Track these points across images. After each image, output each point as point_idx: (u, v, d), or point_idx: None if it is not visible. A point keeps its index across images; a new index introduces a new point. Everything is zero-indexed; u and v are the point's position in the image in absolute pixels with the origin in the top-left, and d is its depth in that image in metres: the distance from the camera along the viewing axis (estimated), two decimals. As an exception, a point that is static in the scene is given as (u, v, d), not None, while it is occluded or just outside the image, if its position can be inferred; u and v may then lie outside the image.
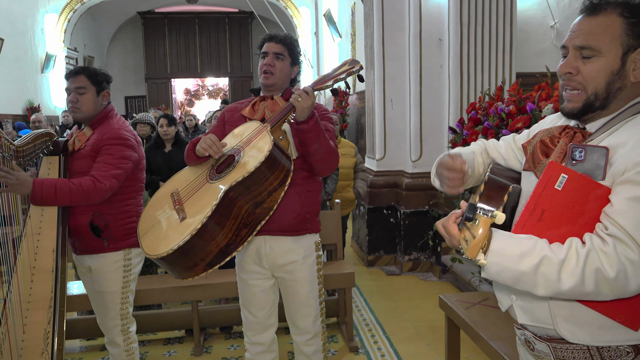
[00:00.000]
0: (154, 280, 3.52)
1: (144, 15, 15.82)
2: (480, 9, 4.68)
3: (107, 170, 2.31)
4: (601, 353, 1.18)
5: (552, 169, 1.14)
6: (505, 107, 3.44)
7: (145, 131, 5.36)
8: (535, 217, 1.14)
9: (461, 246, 1.13)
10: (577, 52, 1.20)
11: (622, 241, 1.06)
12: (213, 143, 2.02)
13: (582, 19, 1.21)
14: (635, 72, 1.17)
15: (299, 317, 2.33)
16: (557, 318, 1.21)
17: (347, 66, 2.15)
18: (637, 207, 1.06)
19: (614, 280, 1.05)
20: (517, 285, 1.13)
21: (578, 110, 1.22)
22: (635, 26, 1.15)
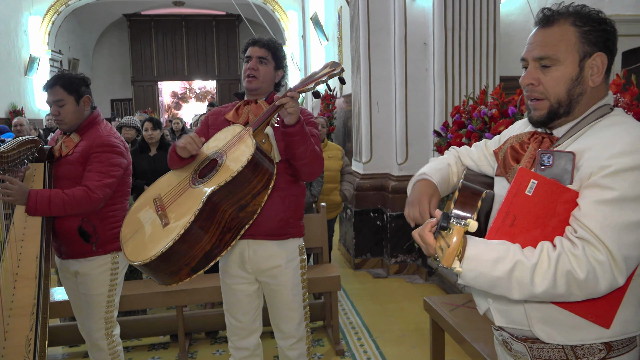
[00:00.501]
0: (139, 286, 3.50)
1: (130, 17, 15.73)
2: (464, 13, 4.72)
3: (99, 179, 2.33)
4: (575, 351, 1.22)
5: (522, 176, 1.17)
6: (488, 111, 3.48)
7: (131, 135, 5.33)
8: (508, 223, 1.17)
9: (437, 254, 1.15)
10: (536, 63, 1.24)
11: (590, 243, 1.09)
12: (192, 140, 2.02)
13: (537, 31, 1.26)
14: (593, 77, 1.22)
15: (283, 321, 2.33)
16: (532, 320, 1.24)
17: (329, 69, 2.16)
18: (603, 210, 1.09)
19: (584, 281, 1.09)
20: (493, 290, 1.16)
21: (544, 118, 1.26)
22: (588, 34, 1.20)
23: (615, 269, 1.08)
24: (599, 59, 1.21)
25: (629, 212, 1.09)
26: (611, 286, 1.10)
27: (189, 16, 16.11)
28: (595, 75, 1.21)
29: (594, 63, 1.21)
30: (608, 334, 1.20)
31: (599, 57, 1.21)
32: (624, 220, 1.09)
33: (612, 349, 1.21)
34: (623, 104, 2.33)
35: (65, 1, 11.80)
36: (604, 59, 1.21)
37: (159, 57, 16.25)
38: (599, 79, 1.22)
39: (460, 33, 4.73)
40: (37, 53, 11.75)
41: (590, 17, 1.21)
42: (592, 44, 1.20)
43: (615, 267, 1.08)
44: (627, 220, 1.09)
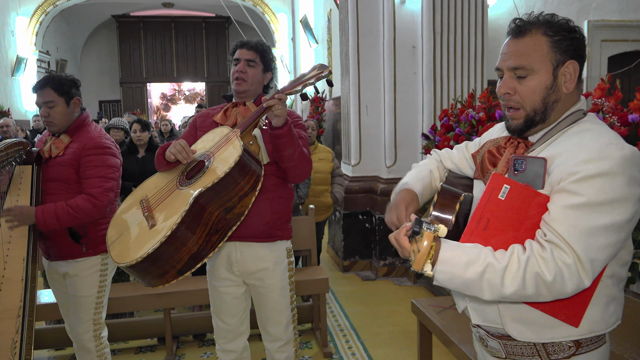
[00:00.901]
0: (126, 288, 3.48)
1: (118, 18, 15.65)
2: (453, 17, 4.76)
3: (100, 185, 2.34)
4: (546, 348, 1.27)
5: (496, 181, 1.21)
6: (476, 114, 3.50)
7: (119, 136, 5.29)
8: (482, 226, 1.22)
9: (411, 258, 1.19)
10: (511, 73, 1.27)
11: (558, 247, 1.14)
12: (182, 148, 2.02)
13: (510, 41, 1.29)
14: (567, 84, 1.26)
15: (270, 324, 2.33)
16: (506, 319, 1.29)
17: (316, 71, 2.16)
18: (572, 215, 1.13)
19: (551, 283, 1.13)
20: (466, 291, 1.20)
21: (522, 126, 1.30)
22: (559, 43, 1.24)
23: (581, 271, 1.12)
24: (571, 67, 1.25)
25: (595, 217, 1.12)
26: (578, 287, 1.14)
27: (179, 18, 16.06)
28: (569, 82, 1.26)
29: (567, 71, 1.25)
30: (577, 333, 1.24)
31: (571, 64, 1.25)
32: (590, 224, 1.12)
33: (581, 346, 1.26)
34: (608, 108, 2.36)
35: (53, 2, 11.72)
36: (575, 66, 1.25)
37: (147, 58, 16.18)
38: (572, 86, 1.26)
39: (449, 37, 4.77)
40: (25, 54, 11.65)
41: (560, 26, 1.25)
42: (564, 52, 1.24)
43: (582, 270, 1.12)
44: (594, 225, 1.12)
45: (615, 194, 1.12)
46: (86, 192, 2.32)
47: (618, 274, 1.26)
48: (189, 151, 2.04)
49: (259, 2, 12.38)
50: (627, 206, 1.13)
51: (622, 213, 1.13)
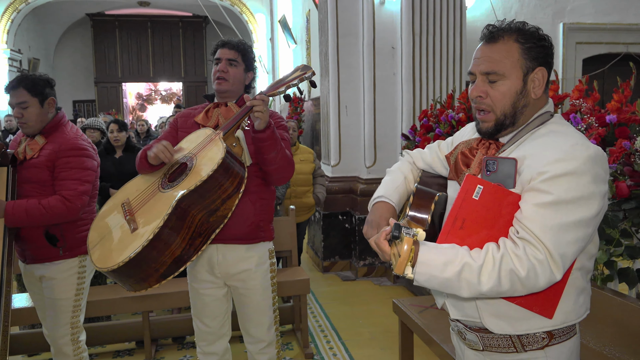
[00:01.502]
0: (103, 291, 3.41)
1: (93, 17, 15.36)
2: (432, 18, 4.80)
3: (74, 187, 2.29)
4: (521, 340, 1.33)
5: (469, 182, 1.26)
6: (456, 115, 3.53)
7: (95, 137, 5.19)
8: (458, 226, 1.27)
9: (391, 261, 1.24)
10: (484, 77, 1.32)
11: (530, 243, 1.19)
12: (165, 148, 1.98)
13: (483, 47, 1.34)
14: (535, 90, 1.32)
15: (252, 325, 2.31)
16: (483, 313, 1.35)
17: (299, 72, 2.15)
18: (542, 212, 1.19)
19: (525, 278, 1.18)
20: (445, 290, 1.25)
21: (492, 129, 1.35)
22: (530, 50, 1.30)
23: (553, 266, 1.18)
24: (540, 73, 1.31)
25: (564, 214, 1.18)
26: (550, 281, 1.20)
27: (155, 17, 15.84)
28: (537, 88, 1.31)
29: (536, 77, 1.30)
30: (551, 324, 1.31)
31: (540, 71, 1.31)
32: (560, 221, 1.18)
33: (553, 337, 1.32)
34: (586, 109, 2.40)
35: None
36: (544, 73, 1.31)
37: (123, 57, 15.92)
38: (540, 91, 1.32)
39: (428, 38, 4.80)
40: (-5, 52, 11.37)
41: (531, 34, 1.31)
42: (534, 59, 1.30)
43: (553, 264, 1.18)
44: (563, 222, 1.18)
45: (582, 191, 1.18)
46: (59, 193, 2.27)
47: (586, 266, 1.33)
48: (172, 150, 2.00)
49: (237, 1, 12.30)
50: (593, 203, 1.19)
51: (588, 209, 1.19)
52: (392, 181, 1.61)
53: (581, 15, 6.71)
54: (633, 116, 2.24)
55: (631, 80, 2.37)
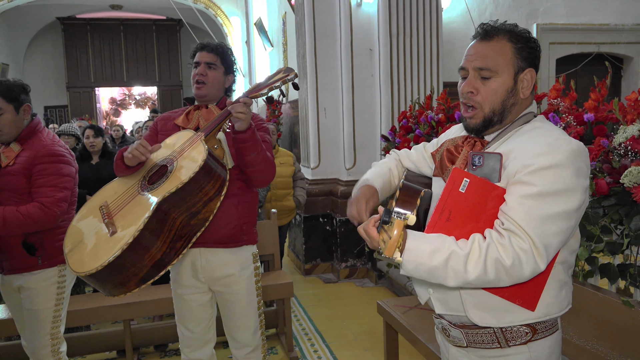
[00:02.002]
0: (82, 300, 3.34)
1: (64, 21, 15.06)
2: (409, 20, 4.83)
3: (52, 194, 2.23)
4: (505, 334, 1.35)
5: (456, 175, 1.29)
6: (435, 116, 3.56)
7: (70, 143, 5.08)
8: (444, 218, 1.29)
9: (380, 247, 1.24)
10: (476, 73, 1.35)
11: (515, 234, 1.22)
12: (140, 145, 1.94)
13: (477, 44, 1.37)
14: (524, 90, 1.36)
15: (237, 330, 2.28)
16: (468, 306, 1.36)
17: (282, 74, 2.13)
18: (527, 204, 1.22)
19: (510, 267, 1.21)
20: (431, 279, 1.26)
21: (479, 126, 1.38)
22: (521, 50, 1.34)
23: (537, 255, 1.20)
24: (529, 74, 1.35)
25: (548, 205, 1.21)
26: (534, 271, 1.22)
27: (128, 20, 15.61)
28: (526, 88, 1.35)
29: (525, 77, 1.35)
30: (534, 316, 1.33)
31: (530, 72, 1.35)
32: (544, 212, 1.21)
33: (536, 332, 1.35)
34: (564, 108, 2.44)
35: (-7, 3, 11.18)
36: (533, 74, 1.36)
37: (96, 62, 15.64)
38: (528, 92, 1.36)
39: (405, 39, 4.84)
40: (-37, 57, 11.07)
41: (522, 35, 1.35)
42: (524, 59, 1.34)
43: (537, 254, 1.20)
44: (547, 213, 1.21)
45: (566, 184, 1.22)
46: (37, 200, 2.21)
47: (568, 260, 1.36)
48: (147, 146, 1.96)
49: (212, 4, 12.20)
50: (576, 195, 1.23)
51: (571, 202, 1.22)
52: (377, 170, 1.65)
53: (554, 16, 6.84)
54: (610, 114, 2.28)
55: (607, 79, 2.41)
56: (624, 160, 2.01)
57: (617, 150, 2.05)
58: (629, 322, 1.97)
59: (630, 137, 2.03)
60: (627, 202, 1.98)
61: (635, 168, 1.90)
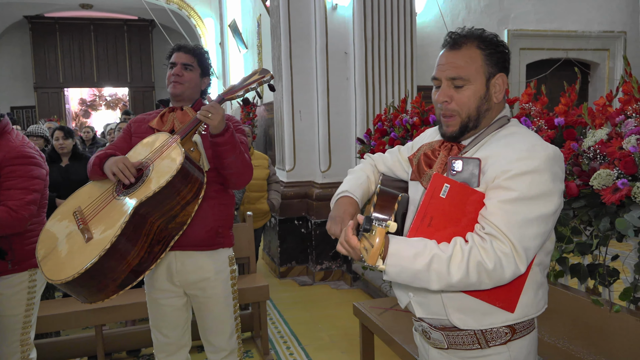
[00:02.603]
0: (53, 306, 3.26)
1: (32, 19, 14.72)
2: (383, 24, 4.88)
3: (21, 197, 2.17)
4: (485, 336, 1.38)
5: (437, 180, 1.30)
6: (410, 119, 3.59)
7: (39, 145, 4.97)
8: (426, 223, 1.30)
9: (362, 255, 1.24)
10: (449, 82, 1.37)
11: (496, 238, 1.24)
12: (125, 167, 1.90)
13: (447, 53, 1.38)
14: (497, 95, 1.38)
15: (213, 334, 2.26)
16: (449, 309, 1.38)
17: (258, 75, 2.13)
18: (507, 209, 1.24)
19: (492, 270, 1.23)
20: (414, 283, 1.27)
21: (457, 133, 1.40)
22: (491, 56, 1.36)
23: (517, 258, 1.23)
24: (501, 79, 1.38)
25: (527, 210, 1.24)
26: (514, 274, 1.25)
27: (98, 20, 15.33)
28: (498, 92, 1.38)
29: (497, 82, 1.37)
30: (513, 317, 1.36)
31: (501, 77, 1.38)
32: (523, 217, 1.24)
33: (515, 332, 1.38)
34: (535, 113, 2.49)
35: (-43, 0, 10.86)
36: (504, 79, 1.39)
37: (65, 62, 15.31)
38: (501, 96, 1.39)
39: (380, 43, 4.88)
40: None
41: (491, 41, 1.37)
42: (495, 65, 1.36)
43: (518, 257, 1.23)
44: (527, 217, 1.24)
45: (543, 189, 1.25)
46: (4, 204, 2.15)
47: (544, 262, 1.40)
48: (133, 171, 1.91)
49: (185, 5, 12.09)
50: (553, 199, 1.26)
51: (549, 205, 1.25)
52: (356, 179, 1.63)
53: (524, 23, 7.00)
54: (579, 119, 2.34)
55: (576, 84, 2.47)
56: (593, 163, 2.06)
57: (587, 154, 2.10)
58: (598, 321, 2.03)
59: (599, 140, 2.09)
60: (596, 203, 2.03)
61: (604, 171, 1.95)
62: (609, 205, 1.96)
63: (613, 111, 2.17)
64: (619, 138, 2.02)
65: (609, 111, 2.22)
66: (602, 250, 2.11)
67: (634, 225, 1.83)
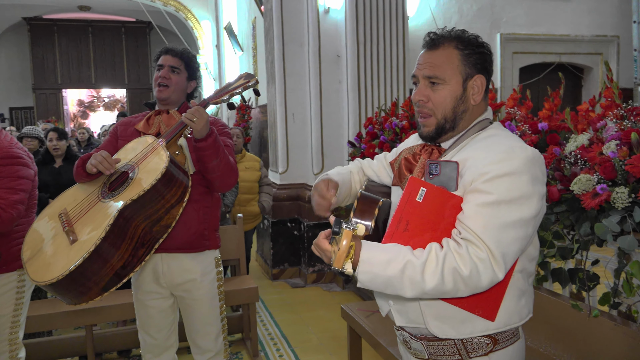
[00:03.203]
0: (44, 306, 3.28)
1: (30, 21, 14.76)
2: (375, 27, 4.90)
3: (7, 196, 2.18)
4: (465, 346, 1.34)
5: (413, 184, 1.27)
6: (399, 122, 3.62)
7: (33, 146, 4.98)
8: (402, 228, 1.27)
9: (331, 258, 1.21)
10: (426, 81, 1.36)
11: (472, 243, 1.20)
12: (104, 159, 1.93)
13: (425, 53, 1.38)
14: (474, 96, 1.36)
15: (199, 336, 2.28)
16: (427, 317, 1.34)
17: (243, 80, 2.14)
18: (484, 212, 1.21)
19: (468, 277, 1.18)
20: (387, 290, 1.23)
21: (433, 133, 1.38)
22: (469, 56, 1.35)
23: (495, 265, 1.19)
24: (479, 81, 1.35)
25: (505, 213, 1.20)
26: (492, 281, 1.20)
27: (96, 22, 15.39)
28: (476, 94, 1.36)
29: (475, 84, 1.35)
30: (493, 326, 1.31)
31: (479, 78, 1.35)
32: (501, 221, 1.20)
33: (497, 342, 1.33)
34: (520, 117, 2.51)
35: (-45, 1, 10.88)
36: (483, 81, 1.36)
37: (62, 63, 15.36)
38: (479, 98, 1.36)
39: (372, 46, 4.90)
40: None
41: (470, 41, 1.36)
42: (473, 66, 1.34)
43: (495, 263, 1.19)
44: (504, 221, 1.20)
45: (522, 191, 1.21)
46: None
47: (527, 268, 1.35)
48: (112, 161, 1.95)
49: (182, 7, 12.12)
50: (532, 203, 1.22)
51: (528, 209, 1.22)
52: (338, 170, 1.65)
53: (515, 26, 7.03)
54: (562, 124, 2.36)
55: (560, 89, 2.50)
56: (574, 168, 2.08)
57: (568, 159, 2.12)
58: (579, 325, 2.04)
59: (580, 145, 2.11)
60: (577, 208, 2.05)
61: (584, 176, 1.97)
62: (589, 210, 1.99)
63: (595, 116, 2.20)
64: (600, 143, 2.04)
65: (591, 116, 2.24)
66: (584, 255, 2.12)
67: (612, 230, 1.85)
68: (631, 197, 1.82)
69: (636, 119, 1.95)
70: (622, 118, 2.02)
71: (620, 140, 1.93)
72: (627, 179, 1.88)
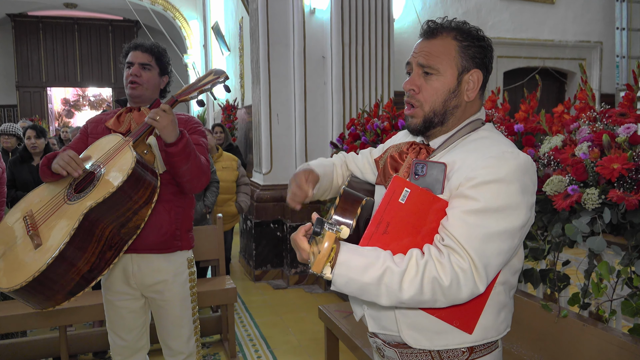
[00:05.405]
0: (16, 306, 3.22)
1: (14, 18, 14.58)
2: (361, 29, 4.90)
3: None
4: (441, 355, 1.28)
5: (396, 184, 1.19)
6: (381, 124, 3.61)
7: (11, 143, 4.93)
8: (381, 230, 1.19)
9: (309, 260, 1.14)
10: (419, 69, 1.29)
11: (455, 251, 1.13)
12: (71, 159, 1.87)
13: (422, 41, 1.31)
14: (469, 92, 1.28)
15: (171, 337, 2.24)
16: (402, 325, 1.28)
17: (212, 76, 2.08)
18: (468, 220, 1.13)
19: (448, 288, 1.12)
20: (363, 296, 1.16)
21: (420, 126, 1.31)
22: (467, 49, 1.27)
23: (476, 276, 1.12)
24: (475, 75, 1.27)
25: (491, 222, 1.14)
26: (472, 293, 1.14)
27: (82, 19, 15.24)
28: (471, 90, 1.28)
29: (471, 79, 1.27)
30: (470, 339, 1.26)
31: (476, 73, 1.27)
32: (486, 230, 1.13)
33: (474, 351, 1.28)
34: (497, 119, 2.52)
35: (-62, -3, 10.73)
36: (479, 76, 1.28)
37: (48, 61, 15.19)
38: (473, 94, 1.28)
39: (357, 48, 4.90)
40: None
41: (470, 33, 1.28)
42: (470, 59, 1.27)
43: (477, 275, 1.12)
44: (490, 231, 1.13)
45: (510, 200, 1.14)
46: None
47: (510, 281, 1.29)
48: (80, 162, 1.89)
49: (170, 7, 12.06)
50: (520, 213, 1.15)
51: (515, 220, 1.15)
52: (321, 161, 1.58)
53: (500, 31, 7.07)
54: (538, 125, 2.37)
55: (537, 92, 2.51)
56: (547, 170, 2.09)
57: (542, 160, 2.13)
58: (549, 326, 2.05)
59: (554, 147, 2.11)
60: (550, 209, 2.06)
61: (556, 177, 1.97)
62: (561, 212, 1.99)
63: (568, 118, 2.21)
64: (573, 145, 2.05)
65: (565, 118, 2.25)
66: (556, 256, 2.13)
67: (582, 231, 1.86)
68: (601, 198, 1.82)
69: (608, 121, 1.96)
70: (595, 120, 2.02)
71: (592, 142, 1.93)
72: (597, 180, 1.88)
